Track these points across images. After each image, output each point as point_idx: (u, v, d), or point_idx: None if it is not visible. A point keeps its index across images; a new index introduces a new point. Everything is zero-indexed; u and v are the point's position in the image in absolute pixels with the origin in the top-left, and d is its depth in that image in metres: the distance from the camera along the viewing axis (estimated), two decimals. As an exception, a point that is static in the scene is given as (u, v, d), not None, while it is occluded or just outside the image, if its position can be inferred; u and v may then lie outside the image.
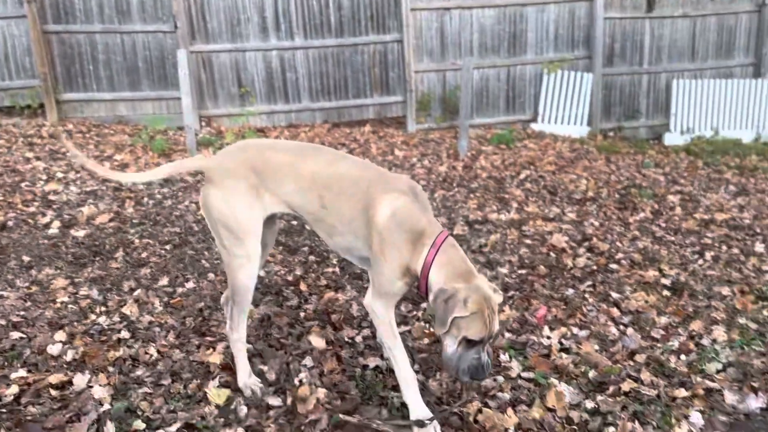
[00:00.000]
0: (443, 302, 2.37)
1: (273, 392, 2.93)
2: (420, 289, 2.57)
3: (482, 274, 2.55)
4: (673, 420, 2.83)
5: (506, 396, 2.97)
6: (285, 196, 2.81)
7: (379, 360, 3.26)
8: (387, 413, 2.78)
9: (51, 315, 3.55)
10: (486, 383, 3.03)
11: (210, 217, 2.83)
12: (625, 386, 3.07)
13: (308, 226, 3.02)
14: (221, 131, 9.10)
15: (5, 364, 3.01)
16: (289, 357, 3.28)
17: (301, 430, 2.64)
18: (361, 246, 2.74)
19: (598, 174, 7.88)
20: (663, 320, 3.90)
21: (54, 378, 2.89)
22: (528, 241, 5.31)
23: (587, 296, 4.24)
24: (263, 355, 3.26)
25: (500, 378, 3.12)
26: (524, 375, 3.17)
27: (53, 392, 2.81)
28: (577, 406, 2.93)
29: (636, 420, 2.82)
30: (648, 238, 5.55)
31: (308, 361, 3.23)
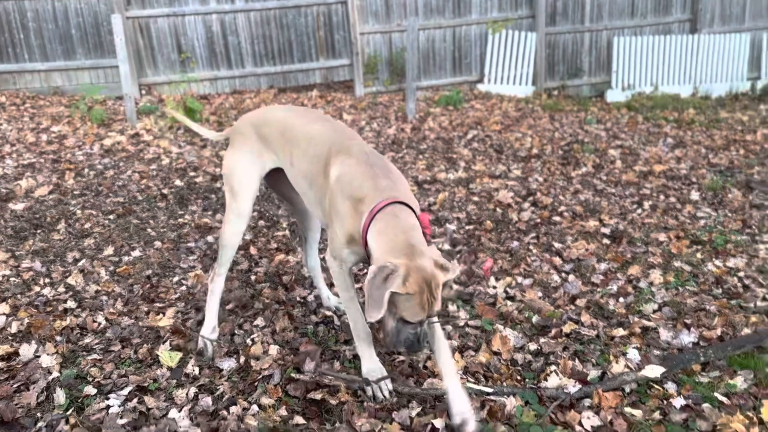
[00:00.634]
0: (381, 280, 2.15)
1: (225, 353, 2.95)
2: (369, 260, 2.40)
3: (433, 246, 2.34)
4: (611, 357, 2.98)
5: (454, 343, 3.06)
6: (275, 152, 2.86)
7: (331, 313, 3.32)
8: (339, 366, 2.84)
9: (-8, 289, 3.47)
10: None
11: (222, 172, 3.03)
12: (566, 328, 3.21)
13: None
14: (162, 99, 8.86)
15: (-54, 339, 2.94)
16: (241, 319, 3.30)
17: (255, 386, 2.68)
18: (321, 212, 2.69)
19: (543, 132, 8.04)
20: (603, 266, 4.06)
21: (-1, 350, 2.84)
22: (475, 198, 5.41)
23: (531, 247, 4.37)
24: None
25: (449, 327, 3.21)
26: (471, 323, 3.27)
27: (-1, 364, 2.77)
28: (521, 349, 3.06)
29: (576, 358, 2.96)
30: (589, 191, 5.72)
31: (260, 321, 3.26)
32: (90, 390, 2.62)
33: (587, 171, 6.37)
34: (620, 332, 3.22)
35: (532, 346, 3.07)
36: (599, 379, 2.77)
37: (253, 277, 3.83)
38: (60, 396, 2.55)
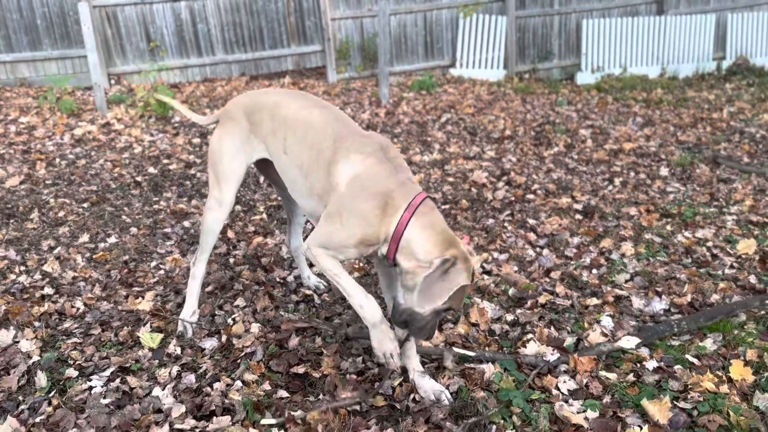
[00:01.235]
0: (441, 273, 2.16)
1: (206, 334, 2.97)
2: (388, 255, 2.32)
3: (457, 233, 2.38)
4: (586, 324, 3.06)
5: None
6: (264, 139, 2.72)
7: (311, 292, 3.35)
8: (321, 341, 2.87)
9: (-34, 278, 3.43)
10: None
11: (208, 156, 2.91)
12: (542, 299, 3.29)
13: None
14: (132, 89, 8.75)
15: None
16: (221, 300, 3.31)
17: (238, 364, 2.70)
18: (315, 205, 2.55)
19: (515, 114, 8.12)
20: (576, 240, 4.15)
21: (-24, 336, 2.82)
22: (450, 179, 5.47)
23: (506, 224, 4.44)
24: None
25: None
26: (450, 297, 3.32)
27: (-23, 350, 2.75)
28: (499, 320, 3.12)
29: (552, 327, 3.04)
30: (562, 170, 5.82)
31: (240, 302, 3.28)
32: (71, 372, 2.62)
33: (559, 150, 6.47)
34: (594, 301, 3.31)
35: (509, 317, 3.14)
36: (575, 347, 2.85)
37: (232, 260, 3.84)
38: (41, 379, 2.54)
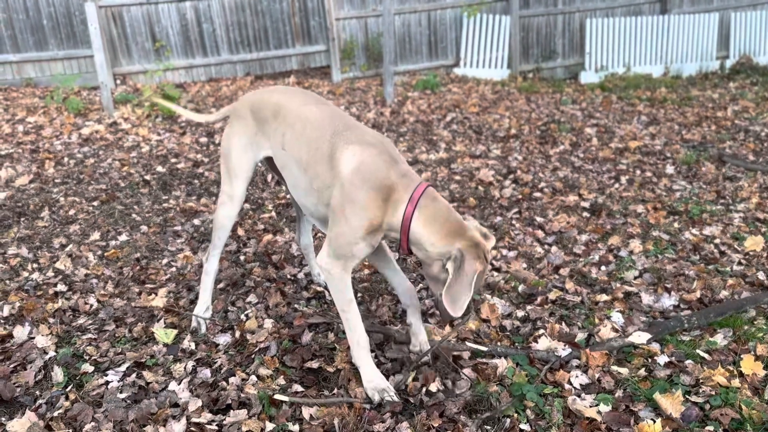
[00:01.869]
0: (456, 270, 2.23)
1: (220, 330, 2.99)
2: (402, 247, 2.39)
3: (470, 218, 2.44)
4: (597, 320, 3.08)
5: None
6: (268, 136, 2.77)
7: (322, 288, 3.37)
8: (334, 337, 2.90)
9: (-20, 275, 3.46)
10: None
11: (220, 152, 3.01)
12: (552, 296, 3.31)
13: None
14: (138, 88, 8.78)
15: (-63, 325, 2.93)
16: (233, 296, 3.34)
17: (252, 359, 2.72)
18: (315, 202, 2.56)
19: (520, 113, 8.14)
20: (584, 238, 4.17)
21: (-8, 333, 2.85)
22: (457, 177, 5.49)
23: (514, 222, 4.46)
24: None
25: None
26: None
27: (-7, 346, 2.78)
28: (509, 316, 3.14)
29: (563, 322, 3.06)
30: (568, 168, 5.83)
31: (252, 298, 3.30)
32: (87, 368, 2.64)
33: (565, 149, 6.48)
34: (603, 297, 3.32)
35: (520, 313, 3.16)
36: (586, 342, 2.87)
37: (243, 257, 3.86)
38: (58, 374, 2.57)
